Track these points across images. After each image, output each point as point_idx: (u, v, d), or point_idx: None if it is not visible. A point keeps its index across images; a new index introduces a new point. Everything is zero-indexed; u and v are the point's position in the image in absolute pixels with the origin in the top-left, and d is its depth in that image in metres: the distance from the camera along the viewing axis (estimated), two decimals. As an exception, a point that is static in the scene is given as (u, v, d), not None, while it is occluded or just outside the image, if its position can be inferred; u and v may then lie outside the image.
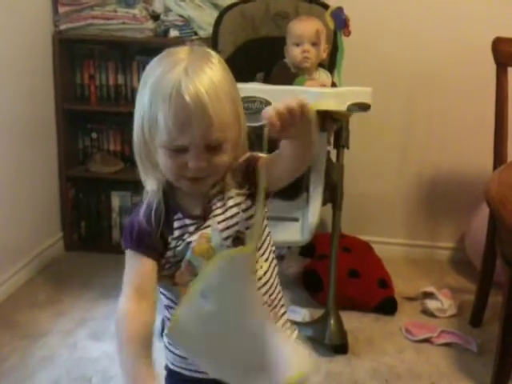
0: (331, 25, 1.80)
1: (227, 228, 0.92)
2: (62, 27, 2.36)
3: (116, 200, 2.54)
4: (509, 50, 1.89)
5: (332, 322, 1.82)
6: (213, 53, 0.91)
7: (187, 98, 0.83)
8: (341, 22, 1.78)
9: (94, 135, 2.55)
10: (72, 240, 2.55)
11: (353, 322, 1.96)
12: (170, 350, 0.99)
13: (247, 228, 0.93)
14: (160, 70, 0.88)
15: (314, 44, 1.84)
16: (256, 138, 1.00)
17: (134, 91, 2.46)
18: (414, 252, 2.53)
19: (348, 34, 1.78)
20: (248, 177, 0.95)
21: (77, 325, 1.94)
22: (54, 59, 2.38)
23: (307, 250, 2.32)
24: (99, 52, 2.47)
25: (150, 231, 0.91)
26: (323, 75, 1.91)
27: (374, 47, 2.35)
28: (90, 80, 2.48)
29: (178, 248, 0.91)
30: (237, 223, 0.93)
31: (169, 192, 0.94)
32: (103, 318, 1.98)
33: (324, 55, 1.90)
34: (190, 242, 0.91)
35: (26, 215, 2.26)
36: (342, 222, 1.92)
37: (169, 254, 0.91)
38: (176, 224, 0.92)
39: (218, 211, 0.93)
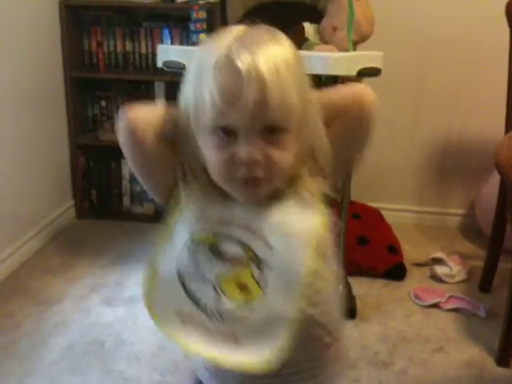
0: (341, -12, 1.77)
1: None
2: (69, -7, 2.34)
3: (126, 168, 2.55)
4: (523, 13, 1.85)
5: (340, 287, 1.83)
6: (280, 32, 0.76)
7: (239, 63, 0.69)
8: (351, -15, 1.74)
9: (103, 103, 2.55)
10: (83, 208, 2.57)
11: (362, 287, 1.98)
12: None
13: None
14: (207, 44, 0.76)
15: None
16: None
17: (142, 58, 2.45)
18: (424, 218, 2.52)
19: (358, -3, 1.74)
20: None
21: (90, 291, 1.97)
22: (61, 26, 2.36)
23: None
24: (106, 18, 2.45)
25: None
26: None
27: (386, 11, 2.30)
28: (98, 47, 2.47)
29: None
30: None
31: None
32: (115, 284, 2.01)
33: None
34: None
35: (38, 184, 2.28)
36: (351, 188, 1.92)
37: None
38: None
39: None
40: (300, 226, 0.76)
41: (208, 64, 0.71)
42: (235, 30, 0.74)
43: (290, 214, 0.77)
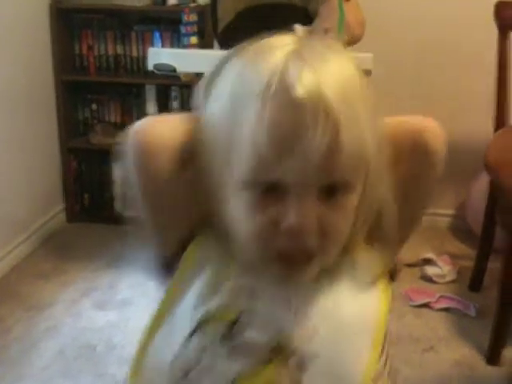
0: (331, -11, 1.78)
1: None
2: (59, -3, 2.34)
3: (117, 171, 2.55)
4: (511, 14, 1.86)
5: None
6: (338, 43, 0.59)
7: (299, 90, 0.48)
8: (340, -13, 1.75)
9: (94, 106, 2.55)
10: (74, 211, 2.57)
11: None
12: None
13: None
14: (245, 57, 0.54)
15: None
16: None
17: (133, 61, 2.45)
18: (415, 219, 2.53)
19: (347, -1, 1.75)
20: None
21: (81, 295, 1.97)
22: (51, 29, 2.35)
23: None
24: (97, 21, 2.45)
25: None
26: None
27: (376, 12, 2.32)
28: (89, 50, 2.47)
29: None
30: None
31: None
32: (107, 288, 2.00)
33: None
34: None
35: (29, 187, 2.28)
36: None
37: None
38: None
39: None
40: (357, 312, 0.56)
41: (250, 89, 0.50)
42: (287, 40, 0.53)
43: (343, 294, 0.57)
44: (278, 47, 0.52)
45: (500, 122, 1.87)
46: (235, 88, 0.52)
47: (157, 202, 0.59)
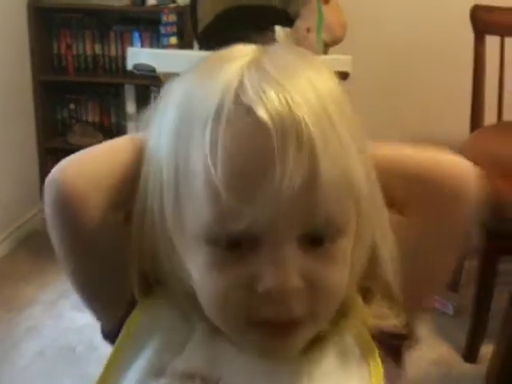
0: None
1: None
2: (37, -5, 2.32)
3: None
4: (487, 18, 1.90)
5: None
6: (309, 52, 0.47)
7: (260, 110, 0.38)
8: (318, -11, 1.78)
9: (73, 106, 2.53)
10: (53, 212, 2.54)
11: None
12: None
13: None
14: (195, 74, 0.44)
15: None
16: None
17: (111, 61, 2.44)
18: (393, 219, 2.56)
19: (326, 1, 1.78)
20: None
21: (61, 296, 1.95)
22: (29, 29, 2.33)
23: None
24: (76, 21, 2.43)
25: None
26: None
27: (354, 14, 2.34)
28: (67, 50, 2.45)
29: None
30: None
31: None
32: (86, 289, 2.00)
33: None
34: None
35: (6, 188, 2.25)
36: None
37: None
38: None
39: None
40: None
41: (199, 113, 0.40)
42: (244, 51, 0.44)
43: (327, 375, 0.44)
44: (237, 58, 0.42)
45: (475, 124, 1.91)
46: (181, 112, 0.42)
47: (82, 255, 0.48)
